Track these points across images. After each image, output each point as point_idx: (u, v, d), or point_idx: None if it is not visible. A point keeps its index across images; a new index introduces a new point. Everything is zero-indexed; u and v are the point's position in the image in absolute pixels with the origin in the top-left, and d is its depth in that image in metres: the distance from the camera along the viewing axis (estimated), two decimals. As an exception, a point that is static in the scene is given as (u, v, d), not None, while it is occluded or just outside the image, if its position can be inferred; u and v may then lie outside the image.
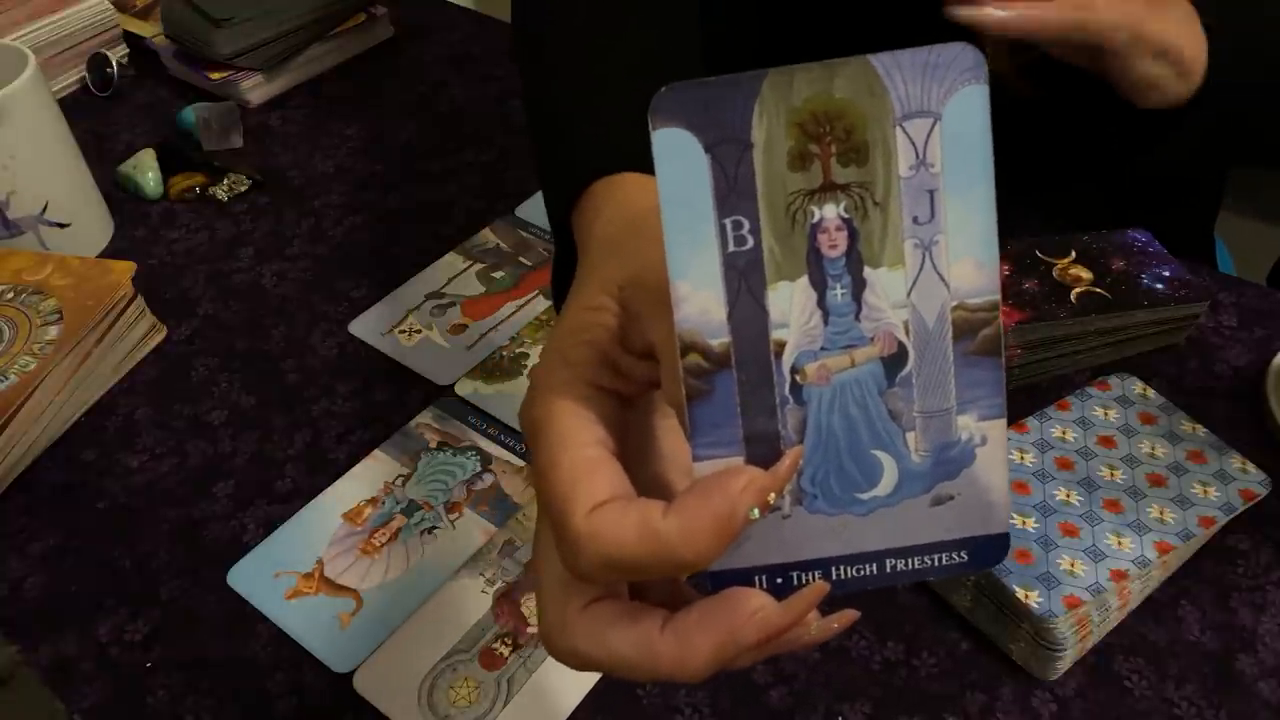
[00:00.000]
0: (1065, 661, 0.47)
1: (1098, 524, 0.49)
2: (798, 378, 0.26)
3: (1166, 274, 0.61)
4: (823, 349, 0.26)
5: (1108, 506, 0.50)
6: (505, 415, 0.61)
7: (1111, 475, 0.52)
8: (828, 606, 0.27)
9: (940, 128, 0.25)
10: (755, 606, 0.25)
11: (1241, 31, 0.57)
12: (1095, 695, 0.47)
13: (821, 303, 0.26)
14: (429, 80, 0.94)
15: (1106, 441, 0.54)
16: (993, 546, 0.28)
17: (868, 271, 0.26)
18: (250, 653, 0.50)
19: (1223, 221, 0.86)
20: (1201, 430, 0.54)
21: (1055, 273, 0.61)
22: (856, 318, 0.26)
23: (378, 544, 0.55)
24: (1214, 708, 0.46)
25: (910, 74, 0.24)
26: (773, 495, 0.25)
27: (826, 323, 0.26)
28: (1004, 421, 0.27)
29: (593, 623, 0.27)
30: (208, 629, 0.52)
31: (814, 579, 0.27)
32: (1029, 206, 0.69)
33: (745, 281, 0.25)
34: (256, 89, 0.91)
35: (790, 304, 0.25)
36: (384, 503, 0.57)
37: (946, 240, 0.26)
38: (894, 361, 0.26)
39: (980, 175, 0.25)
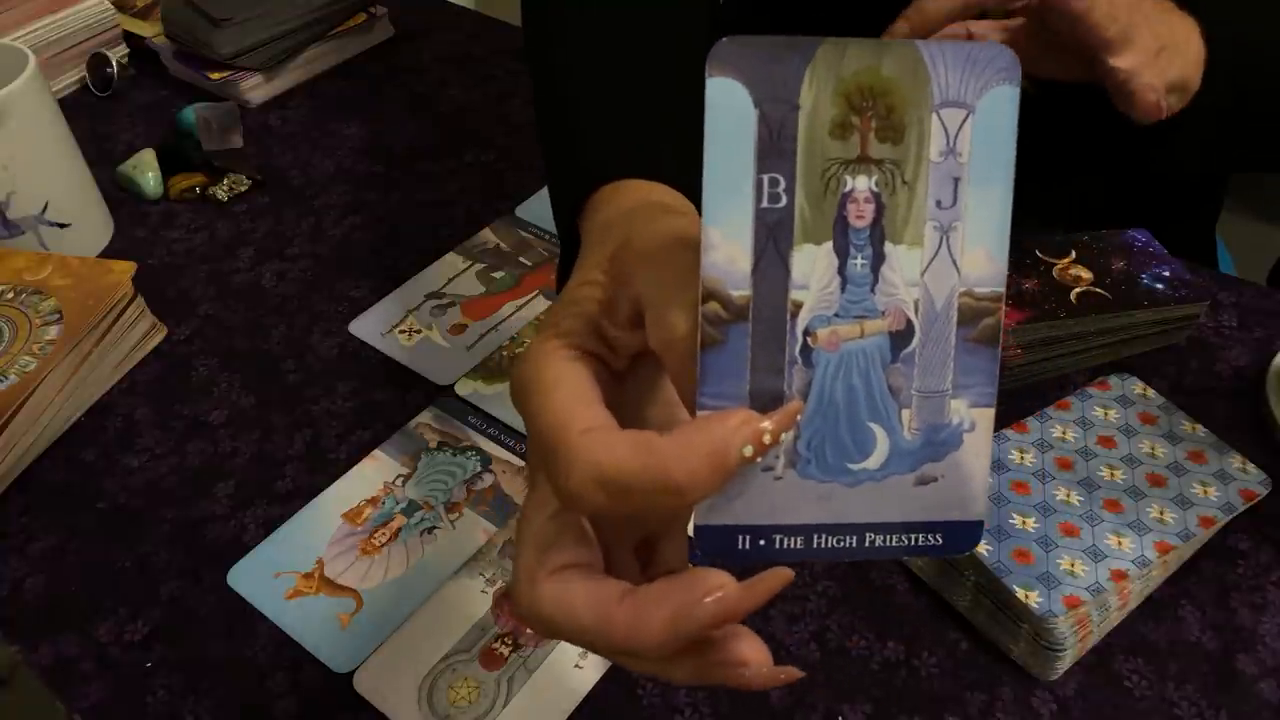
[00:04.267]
0: (1065, 661, 0.47)
1: (1098, 524, 0.49)
2: (809, 340, 0.26)
3: (1166, 274, 0.61)
4: (836, 315, 0.26)
5: (1108, 506, 0.50)
6: (505, 415, 0.61)
7: (1111, 475, 0.52)
8: (803, 567, 0.26)
9: (972, 120, 0.26)
10: (715, 584, 0.25)
11: (1238, 40, 0.57)
12: (1095, 695, 0.47)
13: (842, 270, 0.26)
14: (429, 80, 0.94)
15: (1106, 441, 0.54)
16: (967, 532, 0.28)
17: (888, 247, 0.26)
18: (250, 653, 0.50)
19: (1223, 221, 0.86)
20: (1201, 430, 0.54)
21: (1055, 273, 0.61)
22: (872, 290, 0.26)
23: (378, 544, 0.55)
24: (1214, 708, 0.46)
25: (952, 65, 0.25)
26: (768, 437, 0.26)
27: (843, 290, 0.26)
28: (993, 411, 0.27)
29: (558, 585, 0.27)
30: (208, 629, 0.52)
31: (796, 544, 0.27)
32: (1029, 206, 0.69)
33: (773, 238, 0.26)
34: (256, 89, 0.91)
35: (812, 267, 0.26)
36: (384, 503, 0.57)
37: (964, 228, 0.26)
38: (900, 338, 0.27)
39: (1002, 171, 0.26)
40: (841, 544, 0.28)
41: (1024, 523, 0.49)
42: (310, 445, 0.61)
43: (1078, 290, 0.60)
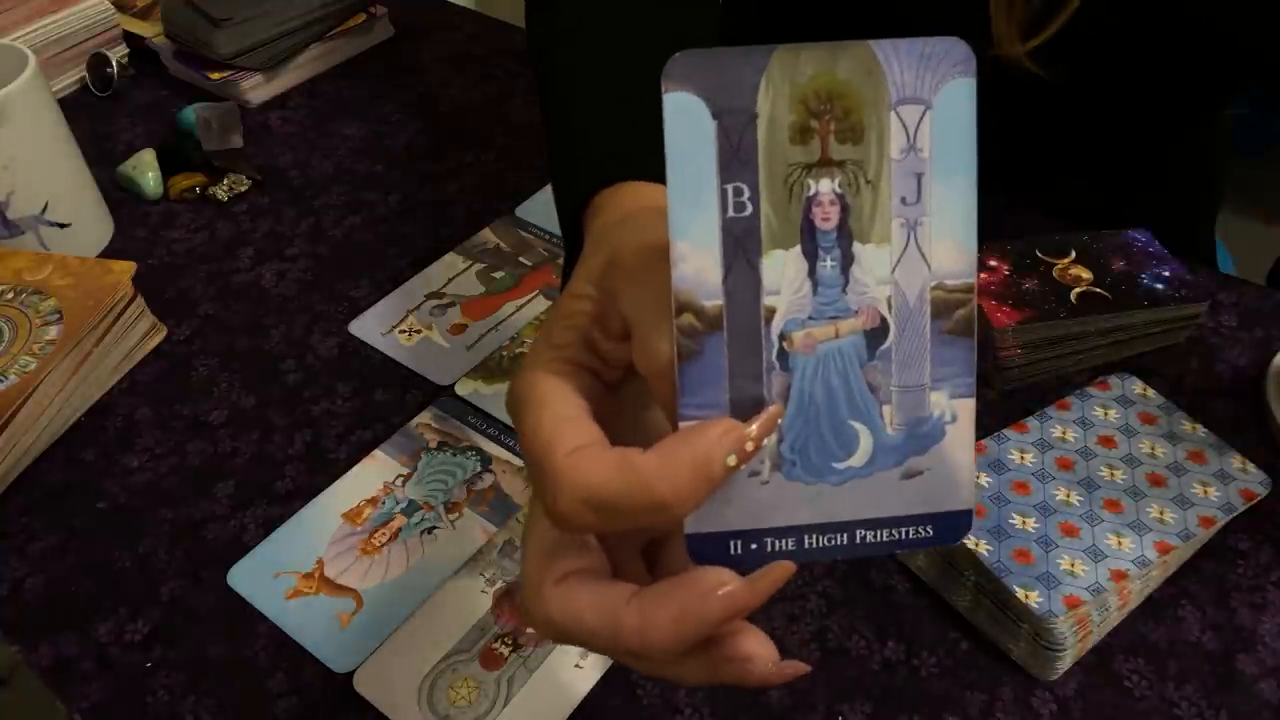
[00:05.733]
0: (1065, 661, 0.47)
1: (1098, 524, 0.49)
2: (785, 344, 0.26)
3: (1166, 274, 0.61)
4: (810, 318, 0.26)
5: (1108, 506, 0.50)
6: (505, 415, 0.61)
7: (1111, 475, 0.52)
8: (803, 567, 0.26)
9: (931, 115, 0.26)
10: (718, 581, 0.26)
11: None
12: (1095, 695, 0.47)
13: (812, 273, 0.26)
14: (429, 80, 0.94)
15: (1106, 441, 0.54)
16: (956, 522, 0.28)
17: (856, 246, 0.26)
18: (250, 653, 0.50)
19: (1223, 221, 0.86)
20: (1201, 430, 0.54)
21: (1055, 273, 0.61)
22: (843, 290, 0.27)
23: (378, 544, 0.55)
24: (1214, 708, 0.46)
25: (907, 62, 0.25)
26: (751, 444, 0.26)
27: (815, 293, 0.26)
28: (973, 402, 0.28)
29: (565, 592, 0.28)
30: (208, 629, 0.52)
31: (787, 545, 0.27)
32: (1029, 206, 0.69)
33: (741, 247, 0.26)
34: (256, 89, 0.91)
35: (783, 272, 0.26)
36: (384, 503, 0.57)
37: (930, 222, 0.26)
38: (875, 335, 0.27)
39: (964, 163, 0.26)
40: (833, 542, 0.28)
41: (1024, 523, 0.49)
42: (310, 445, 0.61)
43: (1078, 290, 0.60)
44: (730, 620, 0.26)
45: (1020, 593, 0.46)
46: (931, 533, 0.28)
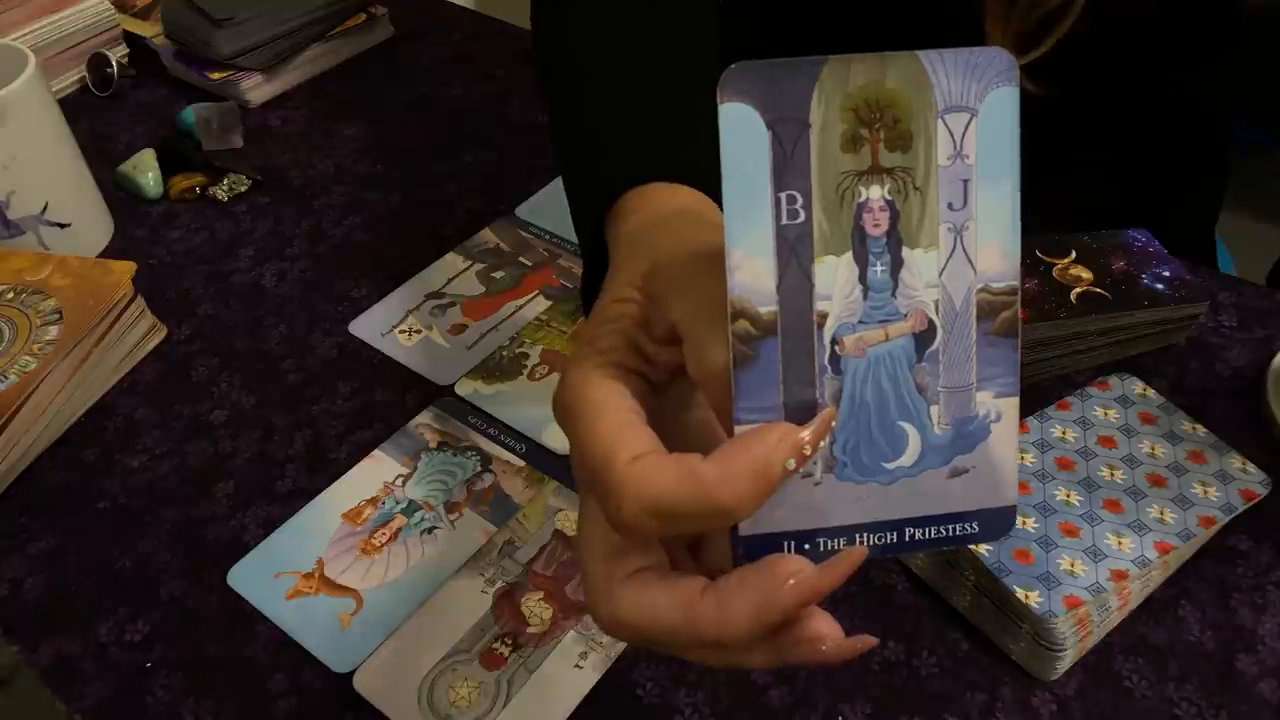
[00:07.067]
0: (1065, 661, 0.47)
1: (1098, 524, 0.49)
2: (837, 348, 0.27)
3: (1166, 274, 0.61)
4: (860, 322, 0.27)
5: (1108, 506, 0.50)
6: (505, 415, 0.61)
7: (1111, 475, 0.52)
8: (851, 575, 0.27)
9: (976, 123, 0.27)
10: (793, 569, 0.26)
11: None
12: (1095, 695, 0.47)
13: (863, 278, 0.27)
14: (429, 80, 0.94)
15: (1106, 441, 0.54)
16: (1001, 518, 0.29)
17: (905, 251, 0.27)
18: (250, 653, 0.50)
19: (1223, 221, 0.86)
20: (1201, 430, 0.54)
21: (1055, 273, 0.61)
22: (893, 294, 0.27)
23: (378, 544, 0.55)
24: (1214, 708, 0.46)
25: (953, 71, 0.26)
26: (808, 448, 0.26)
27: (866, 297, 0.27)
28: (1017, 400, 0.28)
29: (636, 589, 0.28)
30: (208, 629, 0.52)
31: (839, 545, 0.28)
32: (1030, 205, 0.69)
33: (795, 253, 0.27)
34: (256, 89, 0.91)
35: (834, 277, 0.27)
36: (384, 503, 0.57)
37: (975, 227, 0.27)
38: (923, 338, 0.28)
39: (1008, 169, 0.27)
40: (883, 540, 0.29)
41: (1024, 523, 0.49)
42: (310, 445, 0.61)
43: (1078, 290, 0.60)
44: (805, 606, 0.26)
45: (1020, 593, 0.46)
46: (977, 529, 0.29)
